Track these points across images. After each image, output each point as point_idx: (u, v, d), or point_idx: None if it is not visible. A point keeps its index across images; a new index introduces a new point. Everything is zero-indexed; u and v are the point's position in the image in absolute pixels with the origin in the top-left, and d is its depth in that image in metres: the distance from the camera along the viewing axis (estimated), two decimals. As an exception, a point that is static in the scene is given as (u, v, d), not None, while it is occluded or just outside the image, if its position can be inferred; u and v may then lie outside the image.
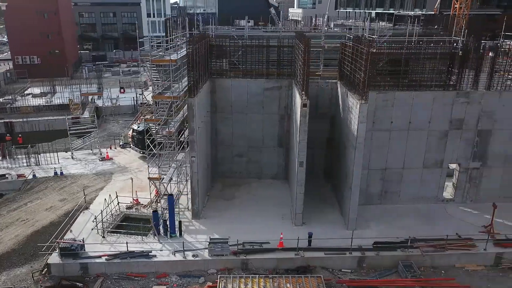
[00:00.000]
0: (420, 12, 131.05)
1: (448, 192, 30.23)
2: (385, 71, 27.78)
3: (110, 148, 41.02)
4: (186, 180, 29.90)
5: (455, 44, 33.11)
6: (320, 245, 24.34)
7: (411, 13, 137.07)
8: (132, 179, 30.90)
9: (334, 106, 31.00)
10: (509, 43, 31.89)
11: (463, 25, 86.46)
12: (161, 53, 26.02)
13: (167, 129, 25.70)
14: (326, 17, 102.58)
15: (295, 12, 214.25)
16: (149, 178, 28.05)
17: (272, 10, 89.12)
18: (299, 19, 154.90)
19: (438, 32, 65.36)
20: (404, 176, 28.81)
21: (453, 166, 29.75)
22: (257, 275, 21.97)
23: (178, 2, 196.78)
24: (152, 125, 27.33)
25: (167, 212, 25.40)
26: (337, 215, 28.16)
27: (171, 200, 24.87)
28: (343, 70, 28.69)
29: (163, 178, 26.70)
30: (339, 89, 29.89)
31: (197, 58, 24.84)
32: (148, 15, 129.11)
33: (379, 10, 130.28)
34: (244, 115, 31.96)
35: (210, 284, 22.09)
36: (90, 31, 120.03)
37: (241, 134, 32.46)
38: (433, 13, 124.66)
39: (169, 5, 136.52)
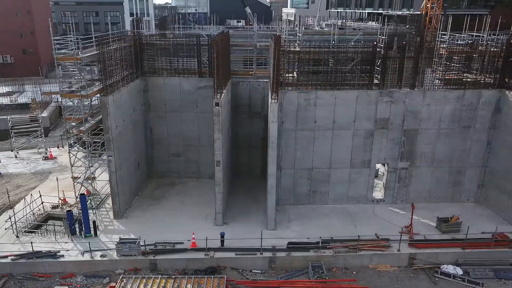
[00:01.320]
0: (407, 12, 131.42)
1: (379, 192, 29.99)
2: (308, 71, 27.49)
3: (58, 147, 40.73)
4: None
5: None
6: (236, 245, 24.08)
7: (399, 12, 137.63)
8: (57, 178, 30.61)
9: (266, 105, 30.73)
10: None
11: (435, 24, 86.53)
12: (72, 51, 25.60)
13: (78, 128, 25.40)
14: (317, 17, 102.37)
15: (288, 12, 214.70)
16: (72, 177, 27.77)
17: (248, 10, 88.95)
18: (292, 18, 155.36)
19: (410, 31, 65.02)
20: (332, 176, 28.56)
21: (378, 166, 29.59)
22: (159, 276, 21.71)
23: (170, 2, 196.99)
24: (74, 124, 27.01)
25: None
26: (262, 215, 27.89)
27: (83, 199, 24.60)
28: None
29: (80, 177, 26.41)
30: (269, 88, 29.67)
31: (111, 56, 24.59)
32: (131, 15, 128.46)
33: (369, 10, 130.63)
34: (179, 114, 31.70)
35: (113, 284, 21.80)
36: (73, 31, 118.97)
37: (176, 133, 32.21)
38: (419, 13, 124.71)
39: (152, 4, 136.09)
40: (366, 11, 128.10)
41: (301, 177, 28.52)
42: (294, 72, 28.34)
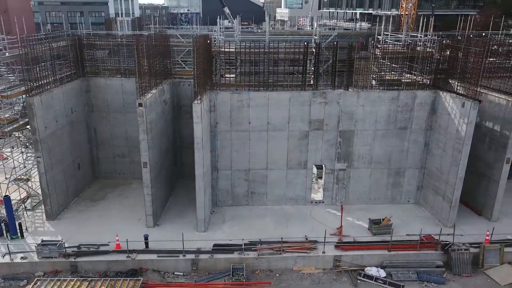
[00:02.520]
0: (396, 12, 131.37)
1: (319, 193, 29.84)
2: (244, 71, 27.32)
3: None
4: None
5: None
6: (165, 247, 23.84)
7: (388, 13, 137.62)
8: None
9: (208, 106, 30.58)
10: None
11: (412, 24, 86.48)
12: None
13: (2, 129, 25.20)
14: (309, 17, 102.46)
15: (282, 12, 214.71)
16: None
17: (226, 10, 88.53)
18: (286, 19, 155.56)
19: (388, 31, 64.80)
20: (269, 177, 28.39)
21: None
22: (75, 278, 21.50)
23: (163, 2, 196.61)
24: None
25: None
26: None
27: (7, 201, 24.38)
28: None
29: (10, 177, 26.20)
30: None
31: (39, 56, 24.39)
32: (117, 15, 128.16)
33: (359, 10, 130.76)
34: (122, 114, 31.50)
35: (29, 286, 21.60)
36: (57, 31, 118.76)
37: (120, 134, 32.00)
38: (407, 13, 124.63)
39: (137, 4, 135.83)
40: (357, 12, 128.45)
41: (239, 178, 28.34)
42: (235, 73, 28.25)
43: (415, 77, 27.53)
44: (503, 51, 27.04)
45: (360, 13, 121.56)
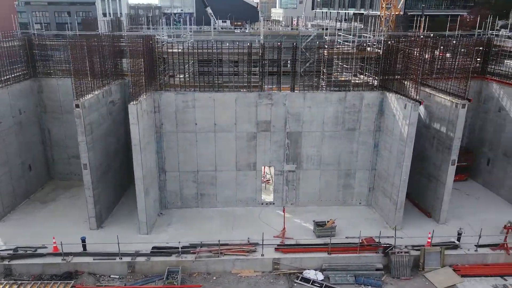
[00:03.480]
0: (386, 13, 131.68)
1: (271, 195, 29.61)
2: (193, 72, 27.11)
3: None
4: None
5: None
6: (104, 249, 23.59)
7: (379, 13, 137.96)
8: None
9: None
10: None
11: (391, 24, 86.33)
12: None
13: None
14: (303, 17, 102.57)
15: (277, 12, 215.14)
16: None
17: (209, 10, 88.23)
18: (280, 19, 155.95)
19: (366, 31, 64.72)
20: (218, 179, 28.15)
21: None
22: (4, 282, 21.24)
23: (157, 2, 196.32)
24: None
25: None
26: (144, 218, 27.44)
27: None
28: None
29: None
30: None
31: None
32: (104, 15, 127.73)
33: (351, 10, 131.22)
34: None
35: (-43, 290, 21.34)
36: (45, 31, 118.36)
37: (74, 135, 31.24)
38: (397, 13, 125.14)
39: (125, 4, 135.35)
40: (350, 11, 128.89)
41: (187, 180, 28.09)
42: (187, 74, 28.00)
43: (364, 78, 27.33)
44: (446, 51, 26.82)
45: (353, 13, 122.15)
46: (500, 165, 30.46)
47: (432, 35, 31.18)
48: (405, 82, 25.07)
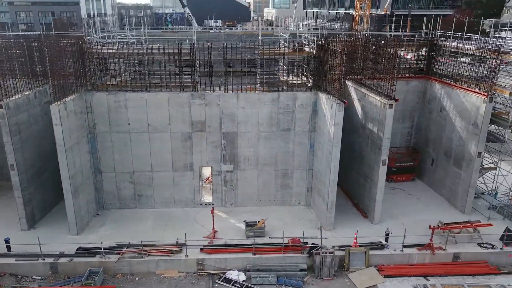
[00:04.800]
0: (374, 12, 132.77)
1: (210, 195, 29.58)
2: (120, 72, 27.05)
3: None
4: None
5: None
6: (34, 250, 23.45)
7: (367, 12, 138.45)
8: None
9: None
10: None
11: (366, 23, 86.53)
12: None
13: None
14: (294, 17, 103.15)
15: (269, 12, 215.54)
16: None
17: (187, 10, 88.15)
18: (273, 19, 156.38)
19: (341, 31, 65.06)
20: (155, 180, 28.08)
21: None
22: None
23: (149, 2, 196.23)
24: None
25: None
26: (80, 219, 27.37)
27: None
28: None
29: None
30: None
31: None
32: (88, 15, 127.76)
33: (341, 10, 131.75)
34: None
35: None
36: (28, 31, 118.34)
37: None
38: (383, 13, 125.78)
39: (110, 4, 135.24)
40: (339, 11, 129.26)
41: (124, 180, 28.02)
42: (126, 74, 27.95)
43: (298, 79, 27.31)
44: (371, 51, 26.80)
45: (344, 13, 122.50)
46: (442, 165, 30.48)
47: (369, 34, 31.13)
48: (334, 83, 25.04)
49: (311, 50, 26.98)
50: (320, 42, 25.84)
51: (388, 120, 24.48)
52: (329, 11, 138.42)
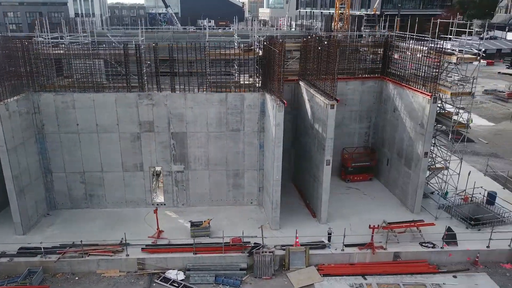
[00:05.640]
0: (364, 12, 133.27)
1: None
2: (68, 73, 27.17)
3: None
4: None
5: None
6: None
7: (357, 12, 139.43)
8: None
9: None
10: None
11: (346, 23, 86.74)
12: None
13: None
14: (286, 16, 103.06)
15: (264, 12, 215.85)
16: None
17: (169, 10, 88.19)
18: (267, 19, 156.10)
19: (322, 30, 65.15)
20: (106, 180, 28.20)
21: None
22: None
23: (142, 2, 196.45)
24: None
25: None
26: (29, 219, 27.48)
27: None
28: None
29: None
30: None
31: None
32: (76, 15, 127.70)
33: (333, 10, 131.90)
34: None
35: None
36: (16, 31, 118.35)
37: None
38: (373, 13, 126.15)
39: (98, 4, 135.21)
40: (331, 12, 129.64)
41: (74, 180, 28.13)
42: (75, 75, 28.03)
43: (246, 79, 27.46)
44: (317, 52, 26.94)
45: (329, 13, 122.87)
46: (395, 165, 30.66)
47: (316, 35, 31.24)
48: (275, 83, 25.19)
49: (258, 51, 27.12)
50: (265, 43, 26.00)
51: (330, 120, 24.64)
52: (322, 11, 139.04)
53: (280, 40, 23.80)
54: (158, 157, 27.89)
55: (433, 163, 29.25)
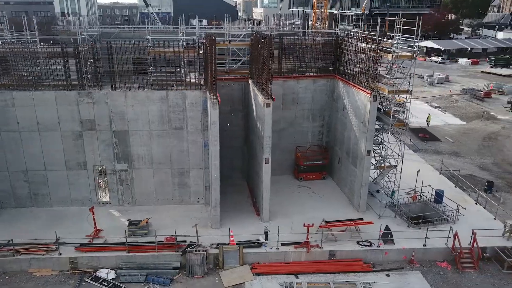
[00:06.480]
0: (354, 11, 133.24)
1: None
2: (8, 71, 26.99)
3: None
4: None
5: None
6: None
7: (347, 12, 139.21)
8: None
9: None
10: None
11: (325, 22, 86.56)
12: None
13: None
14: (278, 15, 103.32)
15: (258, 12, 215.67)
16: None
17: (150, 9, 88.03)
18: (261, 18, 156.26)
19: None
20: (50, 178, 28.03)
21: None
22: None
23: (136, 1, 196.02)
24: None
25: None
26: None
27: None
28: None
29: None
30: None
31: None
32: (63, 14, 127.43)
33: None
34: None
35: None
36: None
37: None
38: (361, 12, 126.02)
39: (84, 4, 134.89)
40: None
41: (18, 179, 27.96)
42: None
43: (189, 77, 27.34)
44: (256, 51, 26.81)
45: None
46: (344, 163, 30.57)
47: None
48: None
49: (199, 50, 27.00)
50: (203, 41, 25.86)
51: (267, 118, 24.54)
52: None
53: (213, 37, 23.65)
54: (101, 155, 27.73)
55: (381, 161, 29.16)
